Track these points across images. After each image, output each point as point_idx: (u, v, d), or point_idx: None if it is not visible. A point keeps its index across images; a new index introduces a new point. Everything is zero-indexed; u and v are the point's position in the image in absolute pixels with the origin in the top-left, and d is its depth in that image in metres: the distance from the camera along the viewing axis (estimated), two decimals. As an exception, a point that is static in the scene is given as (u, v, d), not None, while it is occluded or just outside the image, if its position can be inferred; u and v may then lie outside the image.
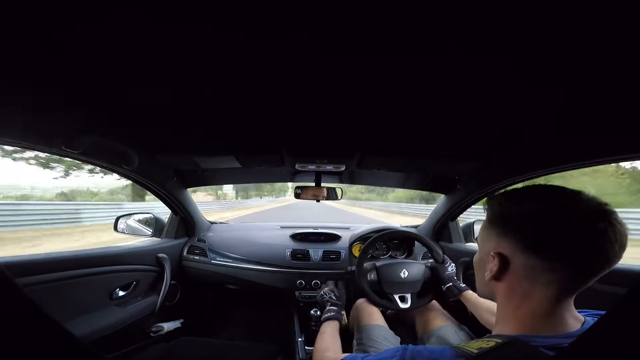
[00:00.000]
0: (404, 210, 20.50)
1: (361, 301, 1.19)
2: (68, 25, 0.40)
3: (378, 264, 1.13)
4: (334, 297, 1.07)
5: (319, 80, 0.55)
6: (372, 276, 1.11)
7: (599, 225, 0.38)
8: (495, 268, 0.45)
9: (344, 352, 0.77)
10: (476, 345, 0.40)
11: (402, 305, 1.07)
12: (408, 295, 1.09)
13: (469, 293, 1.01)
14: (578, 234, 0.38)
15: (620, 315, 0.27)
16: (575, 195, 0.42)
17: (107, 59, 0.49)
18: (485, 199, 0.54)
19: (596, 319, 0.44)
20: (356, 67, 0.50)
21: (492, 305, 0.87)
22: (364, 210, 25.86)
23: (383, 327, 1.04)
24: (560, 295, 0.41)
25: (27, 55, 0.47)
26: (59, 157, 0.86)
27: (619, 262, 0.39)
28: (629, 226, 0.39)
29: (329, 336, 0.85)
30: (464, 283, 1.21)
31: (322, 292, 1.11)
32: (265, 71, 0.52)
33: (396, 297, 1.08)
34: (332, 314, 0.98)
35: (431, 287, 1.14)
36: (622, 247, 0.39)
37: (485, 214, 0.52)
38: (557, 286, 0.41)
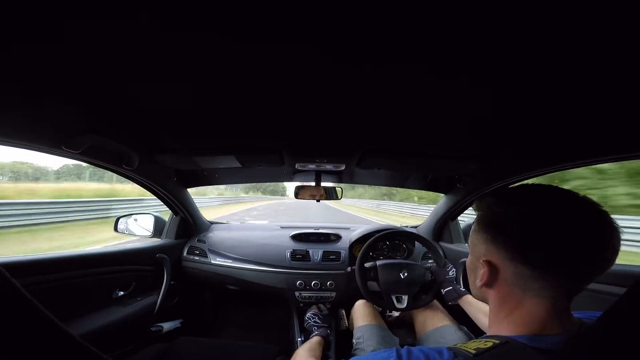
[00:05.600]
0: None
1: (360, 302, 1.19)
2: (69, 26, 0.40)
3: (379, 263, 1.13)
4: (318, 321, 1.10)
5: (319, 80, 0.55)
6: (371, 274, 1.11)
7: (592, 231, 0.37)
8: (485, 277, 0.44)
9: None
10: (473, 346, 0.40)
11: (397, 305, 1.07)
12: (405, 297, 1.09)
13: (468, 297, 1.01)
14: (569, 241, 0.37)
15: (615, 318, 0.27)
16: (567, 198, 0.40)
17: (107, 59, 0.49)
18: (475, 199, 0.52)
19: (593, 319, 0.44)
20: (357, 69, 0.50)
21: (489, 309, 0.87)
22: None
23: (381, 328, 1.04)
24: (554, 301, 0.40)
25: (27, 55, 0.47)
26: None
27: (618, 262, 0.39)
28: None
29: (311, 347, 0.90)
30: (464, 283, 1.21)
31: (306, 318, 1.15)
32: (265, 71, 0.52)
33: (393, 297, 1.08)
34: (319, 331, 1.03)
35: (429, 289, 1.14)
36: (615, 252, 0.37)
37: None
38: (550, 293, 0.40)
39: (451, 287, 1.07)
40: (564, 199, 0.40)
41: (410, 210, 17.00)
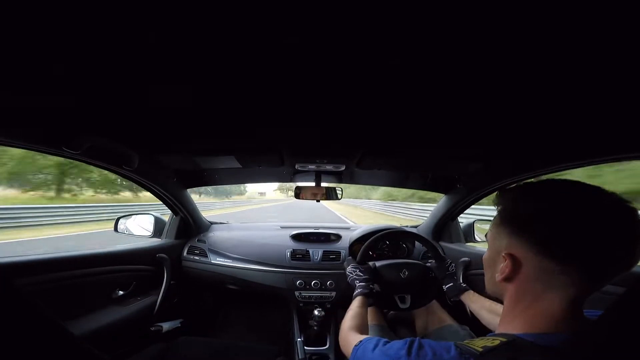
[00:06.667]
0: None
1: None
2: (68, 26, 0.40)
3: (378, 264, 1.13)
4: (360, 274, 1.03)
5: (319, 80, 0.55)
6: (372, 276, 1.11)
7: (620, 227, 0.36)
8: (507, 270, 0.43)
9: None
10: (480, 344, 0.40)
11: (401, 306, 1.06)
12: (407, 296, 1.09)
13: (470, 293, 1.01)
14: (596, 236, 0.36)
15: (616, 317, 0.27)
16: (594, 192, 0.39)
17: (107, 60, 0.49)
18: (496, 193, 0.52)
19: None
20: (357, 68, 0.50)
21: (493, 305, 0.86)
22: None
23: (383, 327, 1.04)
24: (573, 297, 0.39)
25: (28, 56, 0.47)
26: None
27: None
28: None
29: (355, 314, 0.83)
30: (464, 283, 1.21)
31: (347, 273, 1.08)
32: (264, 71, 0.52)
33: (396, 297, 1.08)
34: (359, 290, 0.96)
35: (431, 287, 1.13)
36: None
37: (495, 209, 0.49)
38: (571, 289, 0.39)
39: (452, 283, 1.06)
40: (591, 194, 0.39)
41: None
